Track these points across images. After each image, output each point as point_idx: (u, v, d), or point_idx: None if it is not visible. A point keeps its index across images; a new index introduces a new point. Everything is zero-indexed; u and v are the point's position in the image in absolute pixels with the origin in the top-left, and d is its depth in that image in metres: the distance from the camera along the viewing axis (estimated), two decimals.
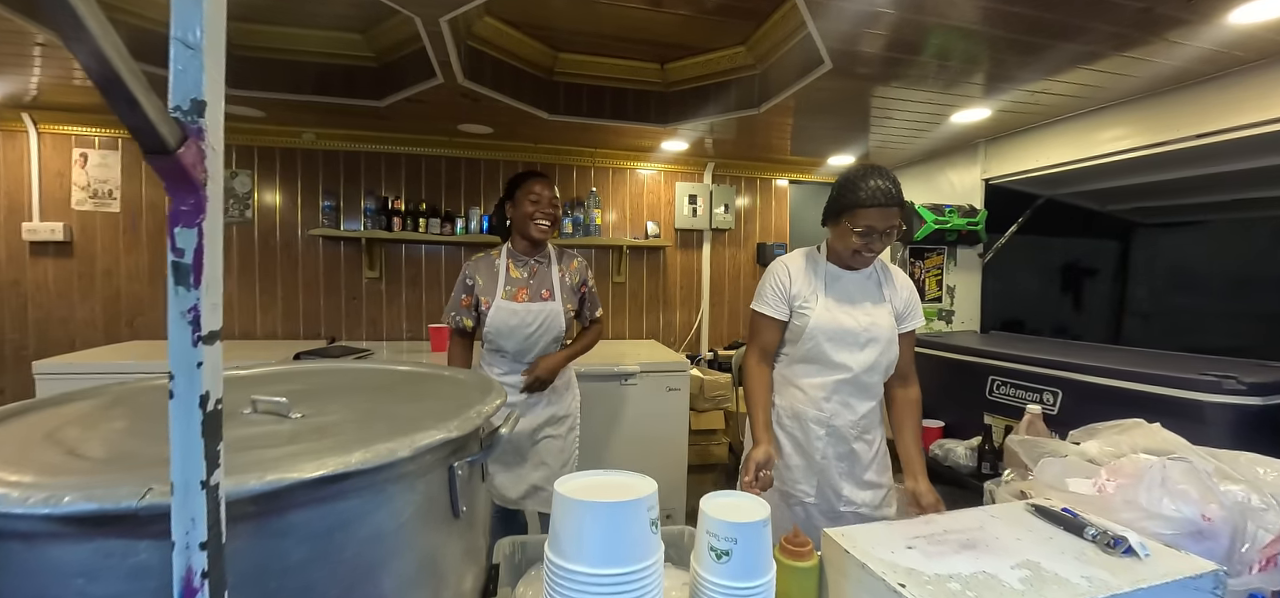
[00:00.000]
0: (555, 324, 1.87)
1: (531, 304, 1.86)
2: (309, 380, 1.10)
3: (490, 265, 1.89)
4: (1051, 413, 1.98)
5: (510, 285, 1.86)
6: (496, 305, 1.83)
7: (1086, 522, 1.02)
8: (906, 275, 1.62)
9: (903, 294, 1.57)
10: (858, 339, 1.50)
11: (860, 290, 1.55)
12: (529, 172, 1.90)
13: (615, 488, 0.74)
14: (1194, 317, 3.89)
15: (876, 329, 1.51)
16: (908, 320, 1.57)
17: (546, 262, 1.94)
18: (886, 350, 1.51)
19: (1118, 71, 1.97)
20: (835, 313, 1.51)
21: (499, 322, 1.82)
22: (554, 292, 1.89)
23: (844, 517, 1.50)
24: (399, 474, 0.70)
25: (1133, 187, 2.79)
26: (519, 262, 1.90)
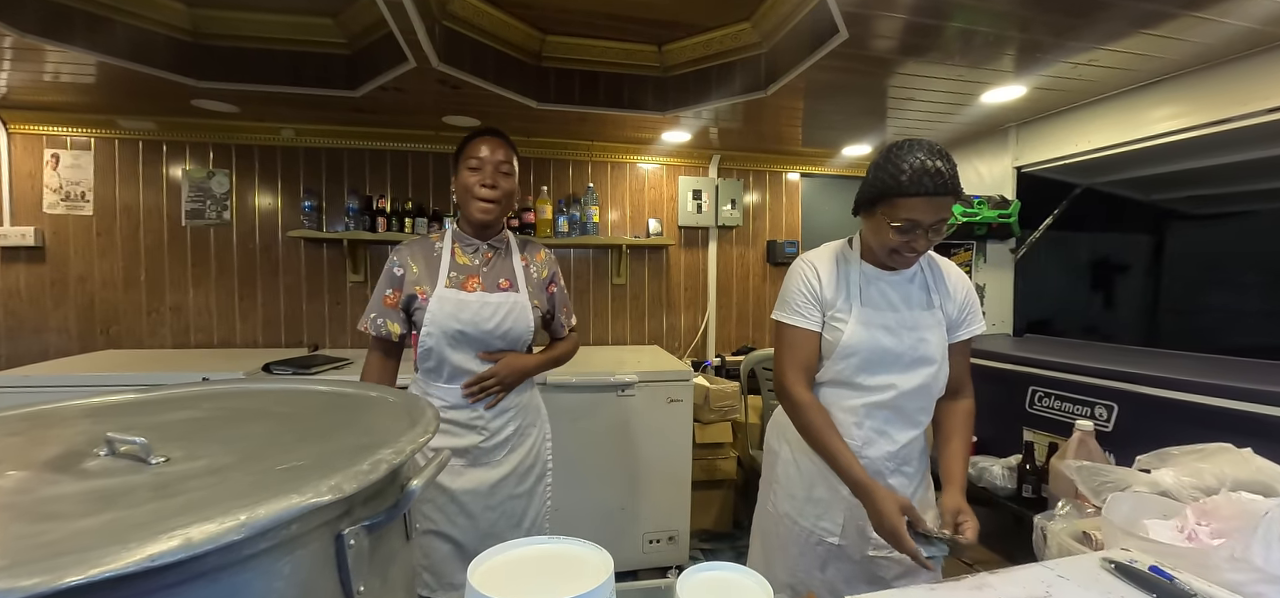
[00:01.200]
0: (521, 321, 1.40)
1: (489, 294, 1.39)
2: (216, 406, 0.91)
3: (428, 250, 1.42)
4: (1104, 429, 1.73)
5: (456, 272, 1.39)
6: (438, 294, 1.35)
7: (1188, 590, 0.79)
8: (961, 271, 1.32)
9: (958, 297, 1.28)
10: (901, 360, 1.21)
11: (904, 297, 1.25)
12: (477, 130, 1.43)
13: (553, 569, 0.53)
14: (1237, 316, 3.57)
15: (926, 348, 1.22)
16: (964, 327, 1.28)
17: (503, 248, 1.48)
18: (938, 373, 1.23)
19: (1179, 36, 1.72)
20: (874, 330, 1.21)
21: (442, 315, 1.33)
22: (516, 282, 1.44)
23: (874, 564, 1.23)
24: (242, 558, 0.50)
25: (1184, 172, 2.52)
26: (467, 246, 1.44)
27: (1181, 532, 1.01)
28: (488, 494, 1.40)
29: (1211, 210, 3.26)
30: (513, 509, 1.44)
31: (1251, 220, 3.20)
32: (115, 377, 2.26)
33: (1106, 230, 3.75)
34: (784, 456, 1.34)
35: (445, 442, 1.37)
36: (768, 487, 1.39)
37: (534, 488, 1.49)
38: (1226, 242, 3.51)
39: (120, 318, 2.83)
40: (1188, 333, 3.72)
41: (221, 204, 2.87)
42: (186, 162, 2.84)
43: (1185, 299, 3.86)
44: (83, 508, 0.53)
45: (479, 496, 1.39)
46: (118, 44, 2.01)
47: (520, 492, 1.45)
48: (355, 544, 0.59)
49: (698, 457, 2.65)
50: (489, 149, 1.38)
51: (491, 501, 1.41)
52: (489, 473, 1.40)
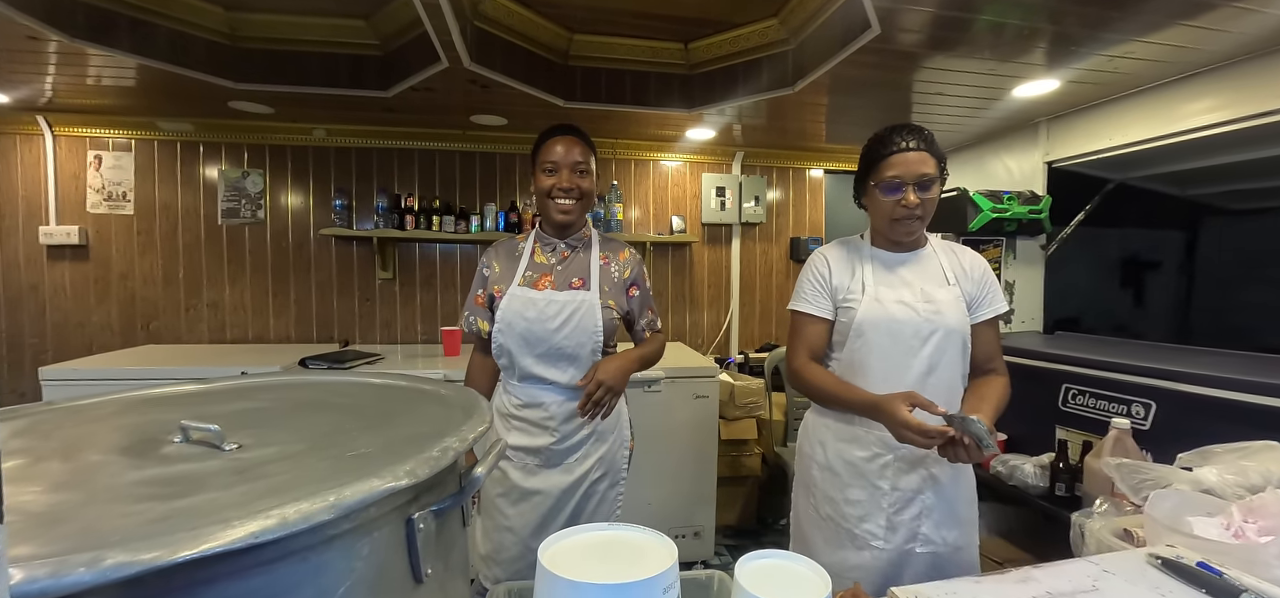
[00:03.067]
0: (589, 322, 1.36)
1: (557, 293, 1.37)
2: (271, 397, 0.94)
3: (512, 251, 1.46)
4: (1141, 428, 1.71)
5: (532, 271, 1.41)
6: (510, 293, 1.36)
7: (1239, 585, 0.79)
8: (978, 254, 1.33)
9: (974, 275, 1.28)
10: (918, 332, 1.22)
11: (917, 275, 1.27)
12: (552, 127, 1.42)
13: (617, 553, 0.55)
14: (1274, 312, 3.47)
15: (940, 318, 1.22)
16: (984, 305, 1.28)
17: (582, 246, 1.46)
18: (954, 343, 1.23)
19: (1221, 27, 1.68)
20: (886, 304, 1.24)
21: (510, 313, 1.35)
22: (589, 280, 1.40)
23: (918, 559, 1.24)
24: (329, 537, 0.53)
25: (1221, 167, 2.46)
26: (547, 246, 1.45)
27: (1228, 529, 1.00)
28: (560, 498, 1.39)
29: (1250, 205, 3.18)
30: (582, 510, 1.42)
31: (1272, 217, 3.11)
32: (158, 371, 2.34)
33: (1139, 226, 3.68)
34: (820, 458, 1.33)
35: (518, 441, 1.39)
36: (805, 490, 1.37)
37: (605, 493, 1.45)
38: (1264, 237, 3.41)
39: (160, 314, 2.92)
40: (1222, 330, 3.63)
41: (256, 203, 2.94)
42: (222, 162, 2.92)
43: (1220, 296, 3.77)
44: (174, 490, 0.56)
45: (554, 498, 1.39)
46: (158, 47, 2.07)
47: (593, 495, 1.43)
48: (424, 528, 0.61)
49: (723, 453, 2.66)
50: (564, 148, 1.37)
51: (566, 506, 1.40)
52: (561, 477, 1.39)
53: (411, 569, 0.61)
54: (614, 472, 1.46)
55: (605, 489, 1.44)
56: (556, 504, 1.39)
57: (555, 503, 1.39)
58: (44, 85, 2.43)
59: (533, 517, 1.39)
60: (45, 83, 2.41)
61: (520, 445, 1.38)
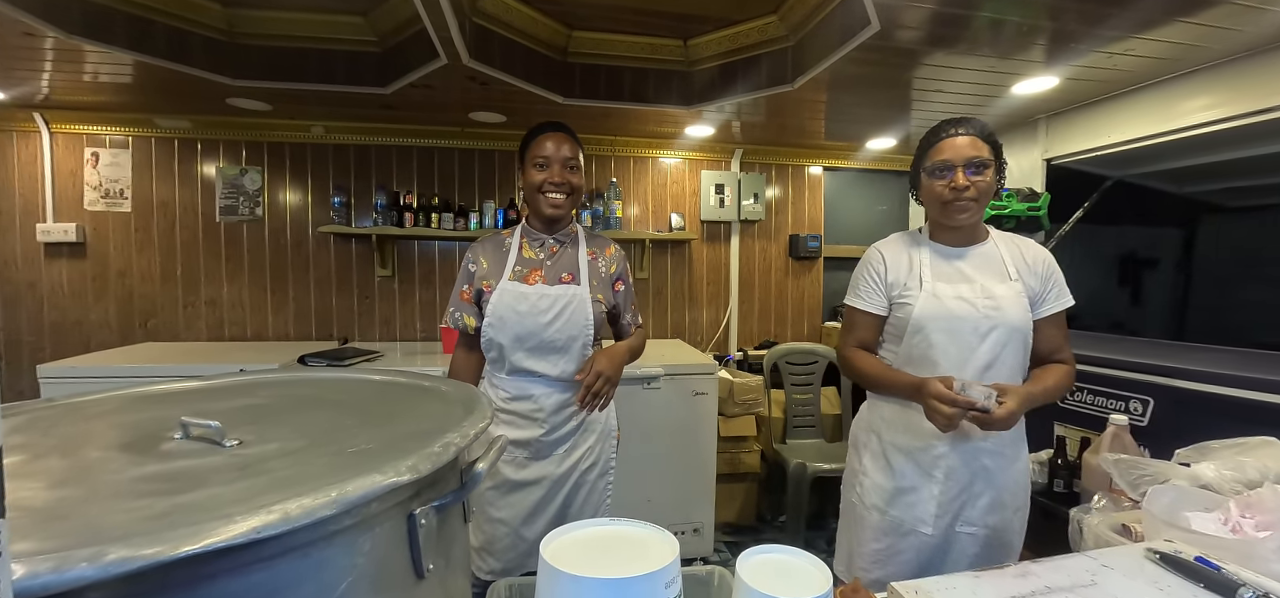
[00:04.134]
0: (580, 315, 1.38)
1: (549, 287, 1.39)
2: (271, 393, 0.94)
3: (499, 246, 1.47)
4: (1139, 424, 1.71)
5: (521, 266, 1.42)
6: (500, 288, 1.38)
7: (1237, 579, 0.79)
8: (1044, 249, 1.31)
9: (1038, 270, 1.27)
10: (977, 328, 1.21)
11: (977, 269, 1.26)
12: (541, 124, 1.45)
13: (619, 548, 0.55)
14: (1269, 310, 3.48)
15: (1001, 314, 1.21)
16: (1049, 301, 1.26)
17: (570, 241, 1.48)
18: (1016, 341, 1.22)
19: (1223, 25, 1.69)
20: (944, 298, 1.23)
21: (502, 307, 1.36)
22: (579, 275, 1.43)
23: (960, 541, 1.26)
24: (330, 533, 0.53)
25: (1218, 165, 2.47)
26: (534, 241, 1.47)
27: (1225, 524, 1.01)
28: (550, 489, 1.41)
29: (1247, 202, 3.19)
30: (572, 501, 1.45)
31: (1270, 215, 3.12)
32: (157, 368, 2.33)
33: (1137, 224, 3.68)
34: (872, 448, 1.34)
35: (508, 434, 1.40)
36: (853, 479, 1.39)
37: (594, 483, 1.47)
38: (1261, 235, 3.42)
39: (158, 311, 2.91)
40: (1221, 328, 3.63)
41: (254, 200, 2.93)
42: (220, 159, 2.91)
43: (1217, 293, 3.77)
44: (175, 486, 0.56)
45: (545, 489, 1.41)
46: (156, 44, 2.06)
47: (583, 486, 1.45)
48: (426, 523, 0.61)
49: (722, 450, 2.66)
50: (554, 144, 1.39)
51: (556, 497, 1.42)
52: (551, 468, 1.41)
53: (413, 565, 0.62)
54: (602, 462, 1.48)
55: (594, 480, 1.47)
56: (546, 495, 1.41)
57: (545, 494, 1.41)
58: (40, 82, 2.42)
59: (523, 508, 1.41)
60: (42, 80, 2.40)
61: (511, 437, 1.40)
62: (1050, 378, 1.23)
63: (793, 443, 2.82)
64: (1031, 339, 1.24)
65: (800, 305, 3.55)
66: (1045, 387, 1.21)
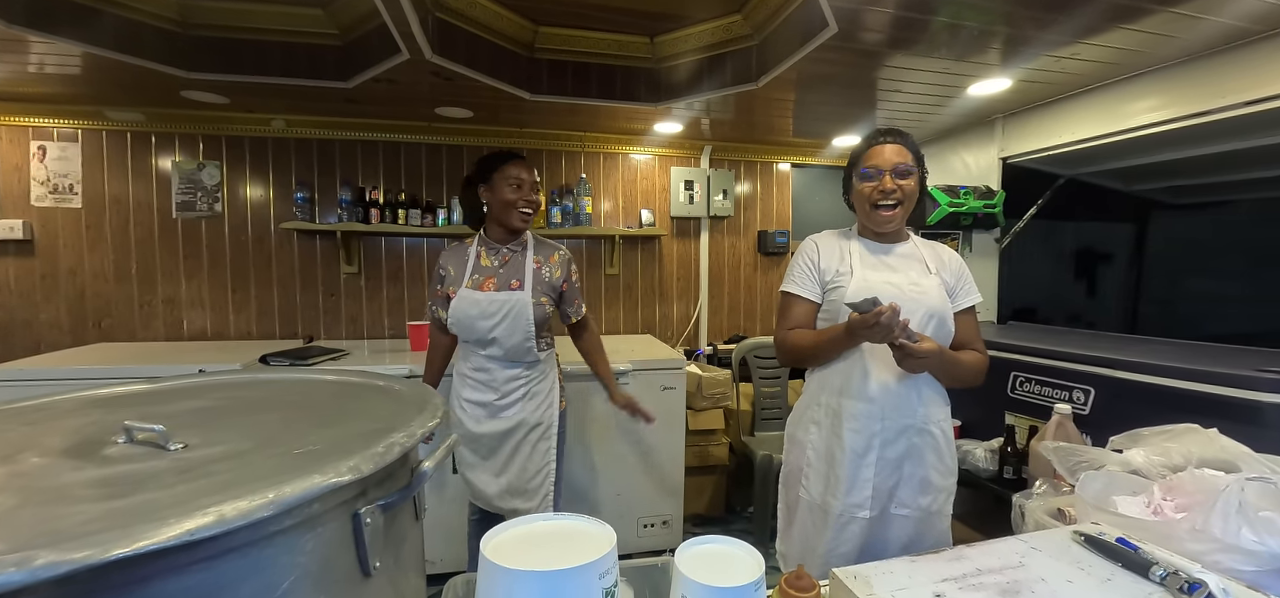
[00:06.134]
0: (521, 318, 1.71)
1: (496, 293, 1.72)
2: (223, 395, 0.94)
3: (461, 255, 1.80)
4: (1082, 413, 1.80)
5: (478, 274, 1.75)
6: (460, 295, 1.72)
7: (1151, 558, 0.84)
8: (955, 252, 1.44)
9: (952, 267, 1.39)
10: (905, 309, 1.27)
11: (902, 263, 1.38)
12: (505, 152, 1.76)
13: (558, 542, 0.57)
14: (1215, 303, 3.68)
15: (925, 299, 1.31)
16: (961, 296, 1.38)
17: (521, 250, 1.80)
18: (938, 327, 1.31)
19: (1162, 31, 1.77)
20: (873, 284, 1.32)
21: (459, 313, 1.71)
22: (524, 281, 1.75)
23: (895, 522, 1.34)
24: (270, 534, 0.53)
25: (1162, 164, 2.58)
26: (491, 250, 1.79)
27: (1149, 507, 1.07)
28: (500, 439, 1.76)
29: (1191, 200, 3.35)
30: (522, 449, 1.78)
31: (1228, 210, 3.29)
32: (111, 369, 2.26)
33: (1089, 220, 3.83)
34: (813, 441, 1.40)
35: (470, 394, 1.78)
36: (795, 475, 1.44)
37: (537, 443, 1.78)
38: (1205, 231, 3.60)
39: (112, 311, 2.82)
40: (1167, 320, 3.82)
41: (212, 196, 2.86)
42: (176, 153, 2.83)
43: (1165, 287, 3.96)
44: (113, 491, 0.56)
45: (496, 438, 1.77)
46: (104, 35, 1.99)
47: (527, 443, 1.77)
48: (371, 522, 0.62)
49: (691, 443, 2.70)
50: (522, 171, 1.72)
51: (505, 445, 1.77)
52: (499, 424, 1.76)
53: (360, 563, 0.62)
54: (544, 424, 1.80)
55: (537, 439, 1.79)
56: (496, 443, 1.77)
57: (495, 442, 1.77)
58: None
59: (482, 452, 1.80)
60: None
61: (472, 399, 1.77)
62: (964, 356, 1.35)
63: (760, 436, 2.87)
64: (953, 329, 1.35)
65: (769, 300, 3.61)
66: (960, 357, 1.33)
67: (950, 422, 1.39)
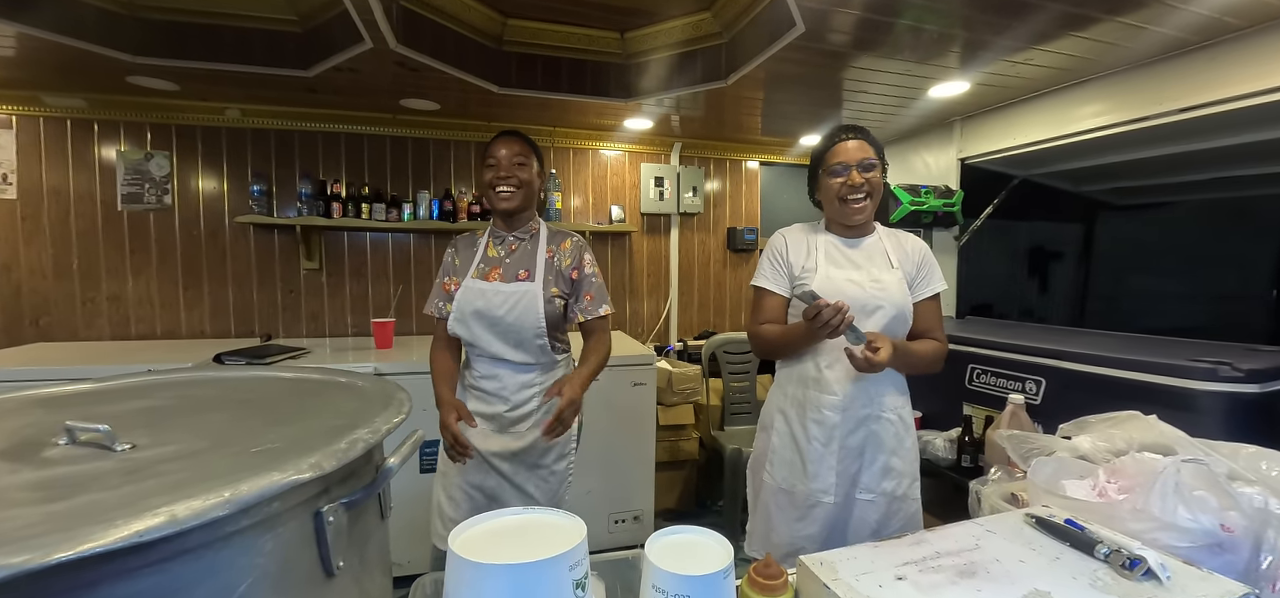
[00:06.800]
0: (530, 311, 1.50)
1: (503, 285, 1.52)
2: (168, 395, 0.90)
3: (471, 243, 1.63)
4: (1034, 403, 1.88)
5: (484, 264, 1.56)
6: (464, 286, 1.53)
7: (1096, 537, 0.89)
8: (920, 240, 1.47)
9: (915, 257, 1.43)
10: (865, 307, 1.35)
11: (866, 258, 1.42)
12: (497, 133, 1.60)
13: (529, 536, 0.56)
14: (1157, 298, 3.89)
15: (884, 295, 1.36)
16: (925, 285, 1.43)
17: (530, 238, 1.60)
18: (898, 320, 1.37)
19: (1107, 40, 1.86)
20: (836, 280, 1.37)
21: (463, 304, 1.52)
22: (534, 272, 1.55)
23: (861, 507, 1.39)
24: (226, 534, 0.51)
25: (1108, 166, 2.71)
26: (498, 239, 1.61)
27: (1094, 489, 1.13)
28: (512, 459, 1.54)
29: (1135, 201, 3.53)
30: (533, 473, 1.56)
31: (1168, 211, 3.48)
32: (51, 370, 2.14)
33: (1042, 219, 4.00)
34: (779, 428, 1.45)
35: (476, 407, 1.54)
36: (763, 460, 1.49)
37: (553, 465, 1.58)
38: (1147, 231, 3.81)
39: (51, 309, 2.66)
40: (1115, 315, 4.03)
41: (161, 188, 2.73)
42: (121, 142, 2.69)
43: (1112, 284, 4.17)
44: (53, 493, 0.53)
45: (506, 459, 1.53)
46: (42, 15, 1.88)
47: (543, 464, 1.56)
48: (334, 521, 0.60)
49: (661, 438, 2.72)
50: (502, 147, 1.54)
51: (518, 465, 1.54)
52: (513, 442, 1.53)
53: (321, 563, 0.61)
54: (561, 444, 1.58)
55: (552, 461, 1.58)
56: (511, 468, 1.54)
57: (508, 463, 1.54)
58: None
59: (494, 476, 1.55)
60: None
61: (478, 411, 1.54)
62: (922, 346, 1.40)
63: (730, 430, 2.91)
64: (911, 320, 1.40)
65: (738, 296, 3.65)
66: (916, 349, 1.38)
67: (909, 409, 1.44)
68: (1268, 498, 0.98)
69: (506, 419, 1.54)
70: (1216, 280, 3.54)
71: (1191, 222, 3.52)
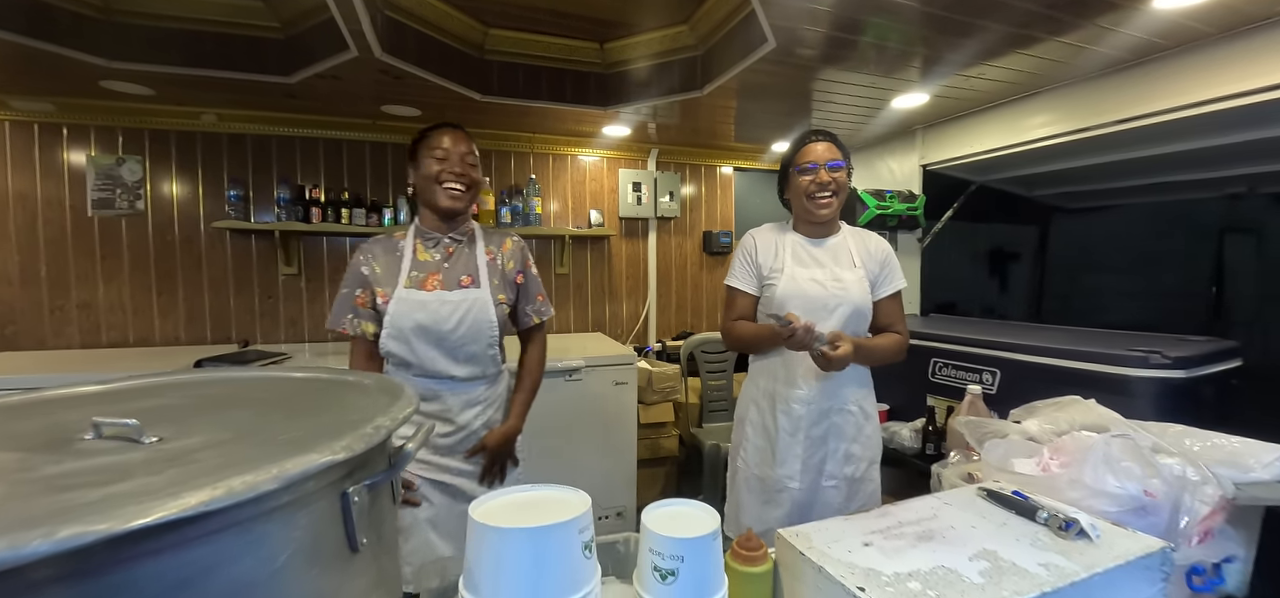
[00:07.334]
0: (482, 320, 1.37)
1: (448, 293, 1.35)
2: (183, 394, 0.93)
3: (391, 248, 1.40)
4: (990, 393, 2.02)
5: (417, 270, 1.37)
6: (397, 298, 1.32)
7: (1038, 505, 1.00)
8: (883, 240, 1.58)
9: (878, 257, 1.53)
10: (826, 305, 1.45)
11: (831, 257, 1.52)
12: (434, 125, 1.43)
13: (540, 507, 0.63)
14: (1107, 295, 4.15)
15: (845, 294, 1.46)
16: (886, 283, 1.53)
17: (467, 240, 1.45)
18: (857, 317, 1.47)
19: (1051, 57, 2.01)
20: (800, 281, 1.47)
21: (401, 317, 1.31)
22: (479, 276, 1.40)
23: (826, 493, 1.49)
24: (269, 510, 0.57)
25: (1056, 172, 2.90)
26: (429, 241, 1.41)
27: (1039, 465, 1.24)
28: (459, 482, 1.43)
29: (1084, 205, 3.76)
30: None
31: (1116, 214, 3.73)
32: (22, 379, 2.10)
33: (999, 222, 4.22)
34: (752, 419, 1.56)
35: None
36: (737, 448, 1.61)
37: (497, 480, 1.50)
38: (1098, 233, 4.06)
39: (17, 318, 2.60)
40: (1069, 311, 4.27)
41: (134, 193, 2.69)
42: (92, 147, 2.64)
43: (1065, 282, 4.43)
44: (104, 478, 0.57)
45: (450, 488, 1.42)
46: (13, 18, 1.86)
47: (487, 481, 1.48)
48: (358, 500, 0.66)
49: (642, 436, 2.79)
50: (452, 141, 1.38)
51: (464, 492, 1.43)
52: (460, 463, 1.43)
53: (347, 539, 0.66)
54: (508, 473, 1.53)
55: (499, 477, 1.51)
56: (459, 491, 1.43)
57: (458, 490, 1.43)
58: None
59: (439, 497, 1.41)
60: None
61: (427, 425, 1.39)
62: (882, 340, 1.52)
63: (708, 427, 3.00)
64: (871, 315, 1.52)
65: (714, 298, 3.76)
66: (877, 344, 1.50)
67: (871, 400, 1.55)
68: (1186, 468, 1.11)
69: (446, 447, 1.39)
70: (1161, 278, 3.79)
71: (1138, 224, 3.77)
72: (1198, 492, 1.06)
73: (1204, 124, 2.00)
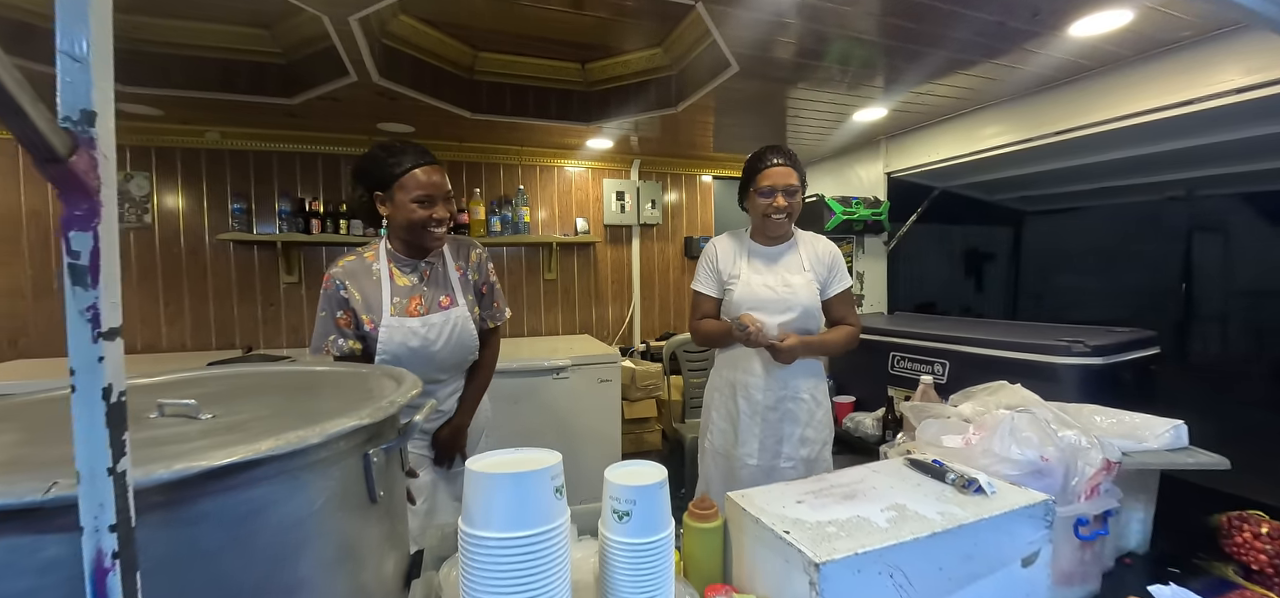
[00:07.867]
0: (464, 336, 1.50)
1: (432, 316, 1.46)
2: (221, 384, 1.09)
3: (366, 272, 1.44)
4: (941, 382, 2.20)
5: (398, 297, 1.44)
6: (386, 326, 1.39)
7: (949, 469, 1.18)
8: (832, 243, 1.76)
9: (826, 260, 1.72)
10: (777, 307, 1.65)
11: (783, 263, 1.70)
12: (399, 148, 1.42)
13: (522, 462, 0.80)
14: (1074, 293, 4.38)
15: (794, 297, 1.65)
16: (833, 285, 1.71)
17: (438, 259, 1.53)
18: (805, 316, 1.66)
19: (990, 76, 2.21)
20: (754, 286, 1.67)
21: (394, 344, 1.40)
22: (455, 296, 1.51)
23: (784, 472, 1.68)
24: (311, 462, 0.73)
25: (1013, 178, 3.11)
26: (403, 265, 1.47)
27: (963, 440, 1.43)
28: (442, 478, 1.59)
29: (1044, 207, 3.98)
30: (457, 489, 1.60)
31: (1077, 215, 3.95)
32: (38, 384, 2.23)
33: (960, 225, 4.45)
34: (717, 403, 1.76)
35: None
36: (705, 430, 1.82)
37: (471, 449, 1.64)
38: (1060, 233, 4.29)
39: (30, 329, 2.73)
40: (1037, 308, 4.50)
41: (141, 207, 2.83)
42: None
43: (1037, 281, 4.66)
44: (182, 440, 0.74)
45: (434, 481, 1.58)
46: (37, 49, 2.00)
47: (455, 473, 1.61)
48: (377, 461, 0.83)
49: (627, 431, 2.96)
50: (426, 175, 1.40)
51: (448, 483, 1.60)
52: None
53: (369, 492, 0.83)
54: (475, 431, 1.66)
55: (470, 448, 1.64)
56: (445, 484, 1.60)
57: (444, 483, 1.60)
58: None
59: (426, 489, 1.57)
60: None
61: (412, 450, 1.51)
62: (832, 333, 1.72)
63: (690, 422, 3.17)
64: (822, 313, 1.71)
65: None
66: (826, 337, 1.70)
67: (822, 389, 1.74)
68: (1080, 437, 1.29)
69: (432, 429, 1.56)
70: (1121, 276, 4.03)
71: (1101, 223, 4.00)
72: (1087, 456, 1.24)
73: (1132, 135, 2.21)
